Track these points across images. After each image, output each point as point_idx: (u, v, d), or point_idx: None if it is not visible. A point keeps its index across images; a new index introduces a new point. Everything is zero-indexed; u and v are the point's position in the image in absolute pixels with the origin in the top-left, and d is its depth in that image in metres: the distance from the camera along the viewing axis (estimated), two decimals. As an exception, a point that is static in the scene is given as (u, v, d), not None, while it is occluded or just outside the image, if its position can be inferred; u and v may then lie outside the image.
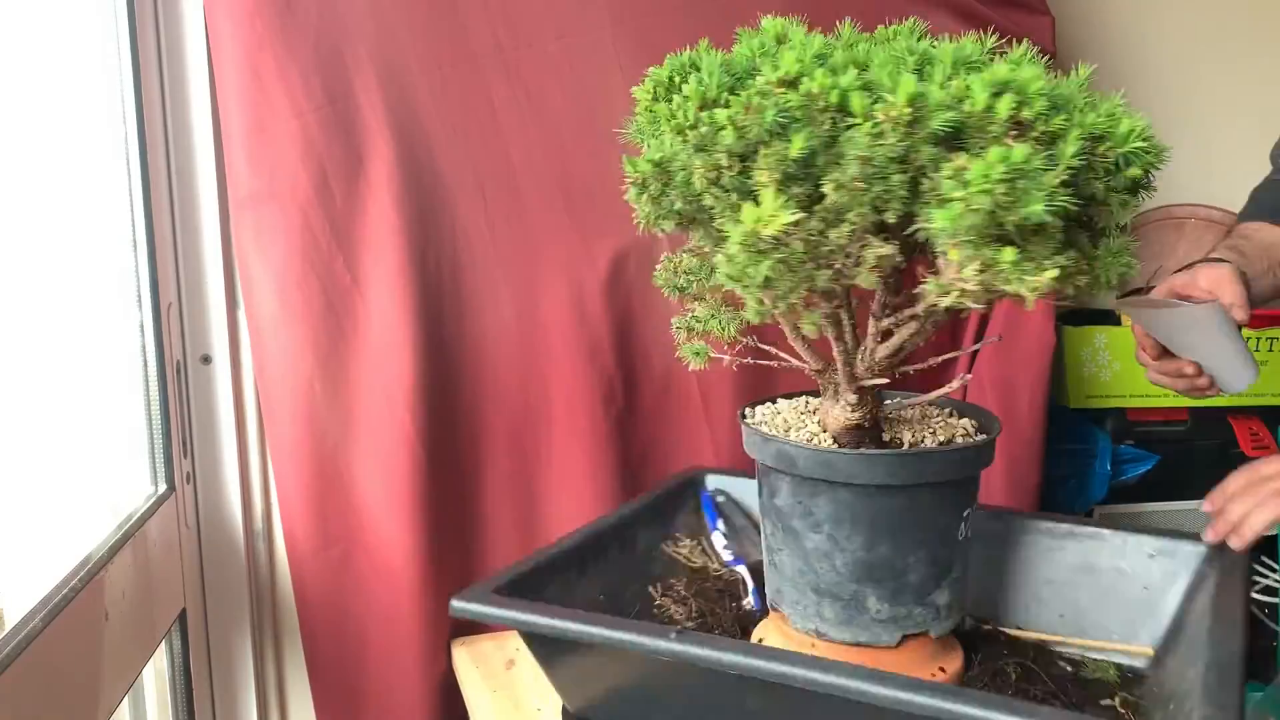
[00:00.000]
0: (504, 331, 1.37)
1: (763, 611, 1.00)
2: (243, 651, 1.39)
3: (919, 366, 0.89)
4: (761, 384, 1.38)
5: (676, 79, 0.78)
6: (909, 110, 0.67)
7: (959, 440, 0.88)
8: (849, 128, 0.70)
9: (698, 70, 0.76)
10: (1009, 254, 0.66)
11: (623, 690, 0.94)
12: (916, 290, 0.76)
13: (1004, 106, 0.67)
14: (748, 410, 0.96)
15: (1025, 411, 1.48)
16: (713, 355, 0.88)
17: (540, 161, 1.36)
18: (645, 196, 0.77)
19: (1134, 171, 0.71)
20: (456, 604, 0.88)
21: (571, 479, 1.40)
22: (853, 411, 0.85)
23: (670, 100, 0.75)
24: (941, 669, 0.89)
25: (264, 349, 1.30)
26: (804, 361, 0.87)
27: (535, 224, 1.36)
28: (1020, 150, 0.64)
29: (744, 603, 1.05)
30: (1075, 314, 1.73)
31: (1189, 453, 1.60)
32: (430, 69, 1.31)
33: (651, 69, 0.81)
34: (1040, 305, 1.31)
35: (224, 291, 1.33)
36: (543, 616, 0.87)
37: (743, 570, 1.09)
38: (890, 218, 0.70)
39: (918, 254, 0.74)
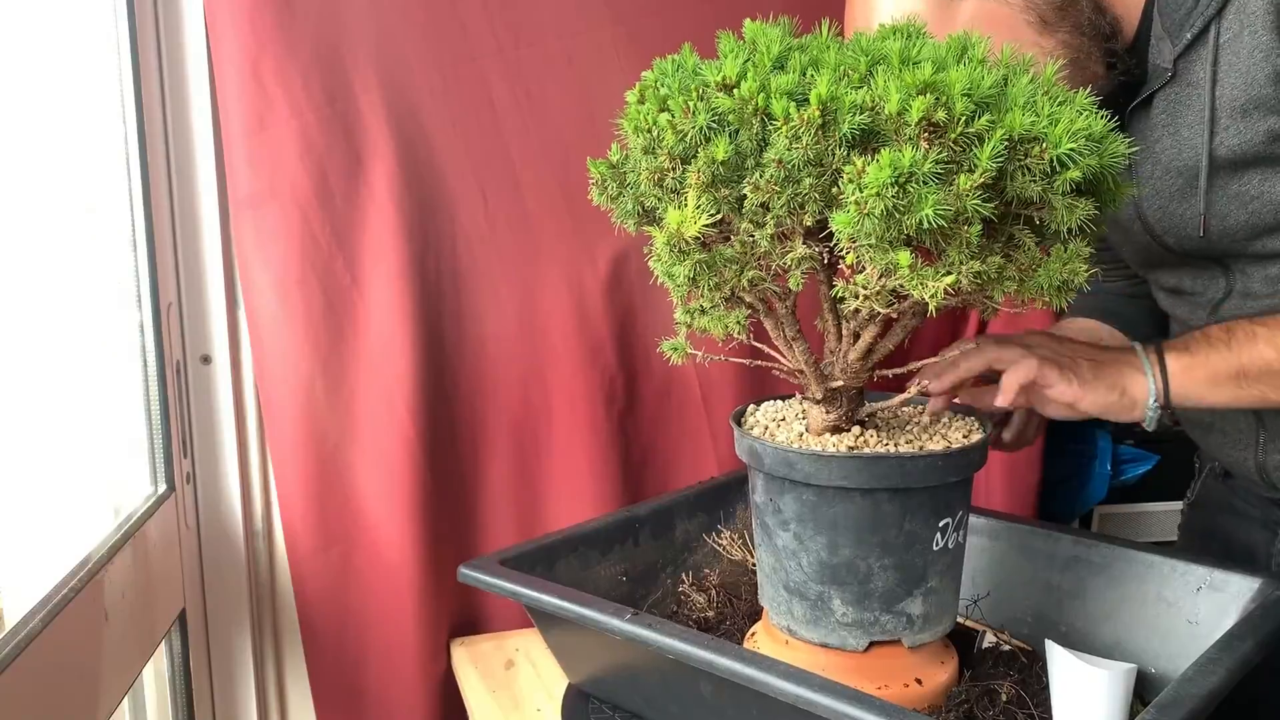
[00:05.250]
0: (504, 331, 1.37)
1: None
2: (243, 651, 1.39)
3: (900, 370, 0.88)
4: (763, 385, 1.38)
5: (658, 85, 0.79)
6: (818, 114, 0.67)
7: (954, 445, 0.85)
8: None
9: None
10: (904, 258, 0.66)
11: (609, 666, 1.00)
12: (834, 292, 0.76)
13: (917, 109, 0.65)
14: (752, 406, 0.97)
15: (1025, 412, 1.47)
16: (690, 351, 0.85)
17: (540, 161, 1.35)
18: (604, 196, 0.81)
19: (1072, 174, 0.69)
20: (464, 571, 1.01)
21: (573, 479, 1.39)
22: (827, 413, 0.86)
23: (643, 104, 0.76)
24: (918, 680, 0.87)
25: (264, 349, 1.30)
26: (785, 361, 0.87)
27: (535, 224, 1.36)
28: (909, 154, 0.64)
29: None
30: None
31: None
32: (430, 69, 1.31)
33: (644, 73, 0.81)
34: (1038, 308, 1.30)
35: (224, 291, 1.33)
36: (521, 586, 0.97)
37: None
38: (808, 220, 0.71)
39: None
